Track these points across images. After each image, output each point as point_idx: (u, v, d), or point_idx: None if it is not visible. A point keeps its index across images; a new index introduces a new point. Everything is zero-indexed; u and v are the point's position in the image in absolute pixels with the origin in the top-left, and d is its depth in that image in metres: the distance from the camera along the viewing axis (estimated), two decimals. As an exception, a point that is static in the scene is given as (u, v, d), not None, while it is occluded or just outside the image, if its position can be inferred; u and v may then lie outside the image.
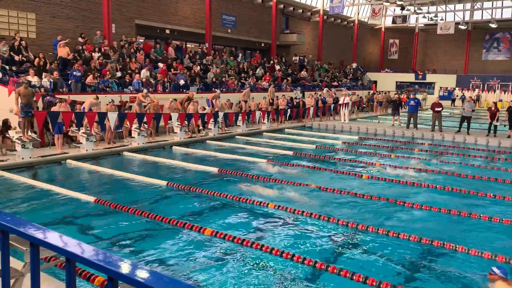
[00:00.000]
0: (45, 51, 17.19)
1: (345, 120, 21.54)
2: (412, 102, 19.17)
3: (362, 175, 10.42)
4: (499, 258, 5.63)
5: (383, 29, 46.04)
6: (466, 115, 17.50)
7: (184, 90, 19.14)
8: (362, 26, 43.90)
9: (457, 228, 7.12)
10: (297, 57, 33.20)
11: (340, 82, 33.32)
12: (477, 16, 42.39)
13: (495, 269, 4.89)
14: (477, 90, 38.22)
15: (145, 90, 15.88)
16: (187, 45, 25.70)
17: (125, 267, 1.51)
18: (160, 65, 20.11)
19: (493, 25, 39.02)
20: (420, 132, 18.35)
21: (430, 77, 41.22)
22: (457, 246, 6.00)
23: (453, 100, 37.37)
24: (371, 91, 31.42)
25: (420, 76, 41.30)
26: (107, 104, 14.14)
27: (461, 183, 9.91)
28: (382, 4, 37.57)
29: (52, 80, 14.61)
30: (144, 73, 18.37)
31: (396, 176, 10.45)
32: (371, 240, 6.38)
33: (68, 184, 9.42)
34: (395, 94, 25.67)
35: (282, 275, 5.20)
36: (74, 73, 15.32)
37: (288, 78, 27.62)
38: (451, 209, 7.72)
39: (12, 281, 3.55)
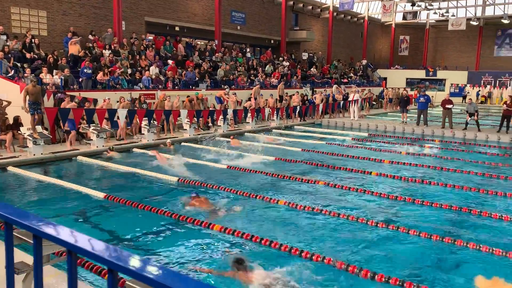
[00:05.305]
0: (56, 49, 17.35)
1: (354, 117, 21.44)
2: (422, 99, 19.00)
3: (371, 172, 10.38)
4: (510, 255, 5.59)
5: (393, 25, 45.62)
6: (471, 112, 17.43)
7: (194, 87, 19.20)
8: (372, 22, 43.57)
9: (467, 225, 7.07)
10: (307, 54, 33.09)
11: (350, 79, 33.15)
12: (489, 11, 41.78)
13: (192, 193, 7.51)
14: (488, 86, 37.81)
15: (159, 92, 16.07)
16: (196, 42, 25.74)
17: (125, 259, 1.52)
18: (170, 62, 20.19)
19: (505, 21, 38.43)
20: (430, 129, 18.20)
21: (441, 74, 40.82)
22: (469, 243, 5.96)
23: (464, 97, 37.00)
24: (367, 89, 30.69)
25: (431, 73, 40.91)
26: (124, 101, 14.33)
27: (470, 181, 9.83)
28: (392, 0, 37.23)
29: (63, 77, 14.75)
30: (154, 70, 18.45)
31: (404, 173, 10.40)
32: (382, 237, 6.36)
33: (78, 180, 9.52)
34: (403, 90, 25.50)
35: (296, 275, 5.20)
36: (85, 70, 15.46)
37: (297, 75, 27.56)
38: (462, 206, 7.67)
39: (23, 275, 3.61)
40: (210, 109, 17.28)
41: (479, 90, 36.81)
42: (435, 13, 39.29)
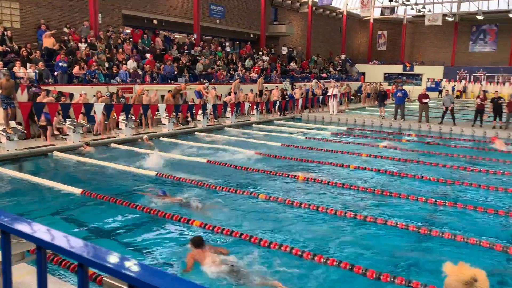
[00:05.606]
0: (29, 42, 16.89)
1: (333, 112, 21.60)
2: (399, 94, 19.27)
3: (349, 166, 10.48)
4: (483, 244, 5.73)
5: (371, 20, 46.08)
6: (447, 104, 17.78)
7: (172, 82, 19.00)
8: (351, 17, 43.90)
9: (443, 216, 7.22)
10: (286, 48, 33.13)
11: (329, 74, 33.36)
12: (464, 8, 42.61)
13: (160, 192, 7.43)
14: (463, 81, 38.64)
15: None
16: (174, 36, 25.46)
17: (96, 253, 1.49)
18: (147, 55, 19.92)
19: (480, 17, 39.29)
20: (407, 123, 18.50)
21: (417, 69, 41.47)
22: (444, 233, 6.09)
23: (440, 91, 37.71)
24: (345, 84, 30.79)
25: (408, 68, 41.52)
26: (100, 95, 14.09)
27: (445, 173, 10.04)
28: (370, -5, 37.58)
29: (37, 71, 14.39)
30: (131, 63, 18.18)
31: (382, 166, 10.55)
32: (360, 228, 6.44)
33: (54, 176, 9.33)
34: (380, 85, 25.86)
35: (271, 266, 5.22)
36: (60, 64, 15.12)
37: (277, 70, 27.59)
38: (437, 198, 7.83)
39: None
40: (189, 103, 17.13)
41: (455, 85, 37.59)
42: (412, 8, 39.86)
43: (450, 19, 40.74)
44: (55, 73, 15.21)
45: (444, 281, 1.78)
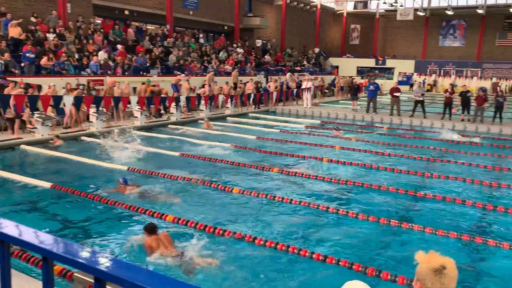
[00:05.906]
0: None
1: (307, 105, 21.74)
2: (371, 87, 19.54)
3: (322, 158, 10.58)
4: (451, 235, 5.90)
5: (344, 14, 46.44)
6: (418, 99, 18.20)
7: (144, 73, 18.68)
8: (325, 11, 44.13)
9: (413, 207, 7.39)
10: (260, 41, 33.05)
11: (303, 67, 33.50)
12: (434, 3, 43.47)
13: (121, 180, 7.30)
14: (434, 75, 39.56)
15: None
16: (147, 27, 24.99)
17: (60, 247, 1.45)
18: (119, 47, 19.49)
19: (450, 12, 40.17)
20: (379, 116, 18.81)
21: (389, 63, 42.14)
22: (414, 225, 6.23)
23: (412, 85, 38.45)
24: (319, 77, 30.97)
25: (380, 62, 42.14)
26: (70, 87, 13.73)
27: (416, 165, 10.28)
28: (344, -11, 37.83)
29: (3, 62, 13.87)
30: (102, 55, 17.75)
31: (354, 158, 10.70)
32: (332, 221, 6.52)
33: (22, 170, 9.08)
34: (353, 79, 26.21)
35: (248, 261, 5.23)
36: (27, 54, 14.61)
37: (251, 62, 27.51)
38: (408, 189, 8.00)
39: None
40: (162, 95, 16.88)
41: (425, 79, 38.44)
42: (384, 3, 40.37)
43: (421, 13, 41.51)
44: (22, 64, 14.70)
45: (416, 269, 1.87)
